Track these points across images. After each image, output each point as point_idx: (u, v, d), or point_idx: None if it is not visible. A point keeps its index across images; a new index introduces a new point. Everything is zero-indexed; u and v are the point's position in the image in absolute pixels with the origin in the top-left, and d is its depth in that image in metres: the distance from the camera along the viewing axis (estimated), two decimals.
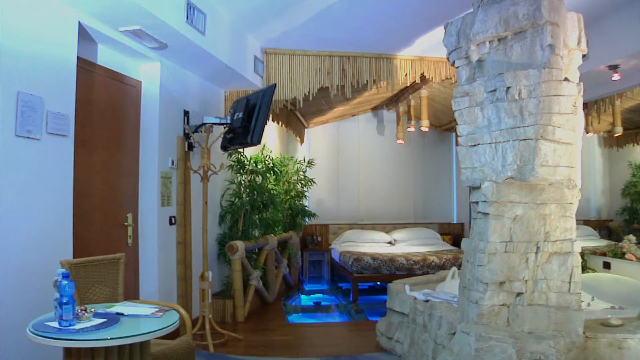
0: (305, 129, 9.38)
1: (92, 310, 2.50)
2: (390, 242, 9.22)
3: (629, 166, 8.30)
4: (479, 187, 3.31)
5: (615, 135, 7.90)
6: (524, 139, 3.15)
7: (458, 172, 10.08)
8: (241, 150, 6.23)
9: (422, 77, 6.41)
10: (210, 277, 4.89)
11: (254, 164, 6.40)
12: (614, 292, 4.88)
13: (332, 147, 9.73)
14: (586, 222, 9.75)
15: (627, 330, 3.30)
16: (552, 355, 2.98)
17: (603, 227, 9.38)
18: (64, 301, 2.26)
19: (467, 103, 3.41)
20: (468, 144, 3.41)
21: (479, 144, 3.35)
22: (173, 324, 2.50)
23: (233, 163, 6.21)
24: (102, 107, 4.28)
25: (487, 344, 3.05)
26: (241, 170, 6.27)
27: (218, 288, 6.01)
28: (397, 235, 9.35)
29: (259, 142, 4.66)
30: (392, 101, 8.83)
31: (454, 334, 3.46)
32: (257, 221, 6.31)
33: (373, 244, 8.98)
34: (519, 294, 3.26)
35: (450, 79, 6.40)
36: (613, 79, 5.27)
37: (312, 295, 7.96)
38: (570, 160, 3.21)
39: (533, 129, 3.10)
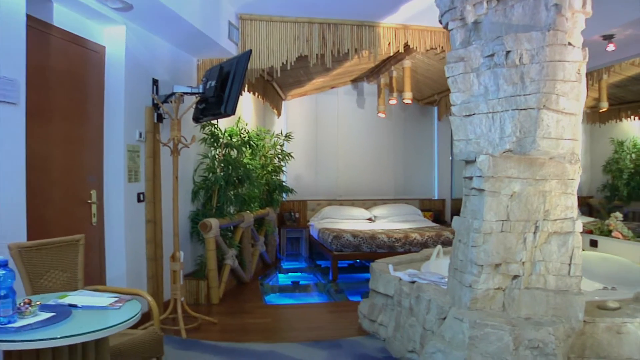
0: (283, 101, 9.01)
1: (38, 303, 2.16)
2: (370, 219, 9.00)
3: (611, 143, 8.18)
4: (473, 161, 3.03)
5: (600, 111, 7.73)
6: (524, 109, 2.87)
7: (440, 146, 9.98)
8: (215, 122, 5.86)
9: (406, 46, 6.08)
10: (182, 257, 4.57)
11: (229, 137, 6.05)
12: (603, 272, 4.71)
13: (310, 120, 9.38)
14: None
15: (625, 314, 3.10)
16: (552, 343, 2.76)
17: (584, 204, 9.29)
18: (2, 294, 1.92)
19: (461, 69, 3.11)
20: (462, 113, 3.12)
21: (474, 114, 3.07)
22: (134, 317, 2.18)
23: (206, 136, 5.84)
24: (61, 74, 3.87)
25: (482, 331, 2.82)
26: (215, 144, 5.92)
27: (191, 268, 5.70)
28: (377, 211, 9.12)
29: (233, 113, 4.32)
30: (373, 73, 8.50)
31: (444, 319, 3.23)
32: (232, 197, 5.99)
33: (353, 221, 8.74)
34: (515, 277, 3.03)
35: (435, 49, 6.08)
36: (607, 49, 5.03)
37: (290, 274, 7.70)
38: (574, 132, 2.94)
39: (535, 97, 2.82)
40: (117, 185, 4.36)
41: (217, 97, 4.37)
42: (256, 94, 6.79)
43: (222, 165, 5.84)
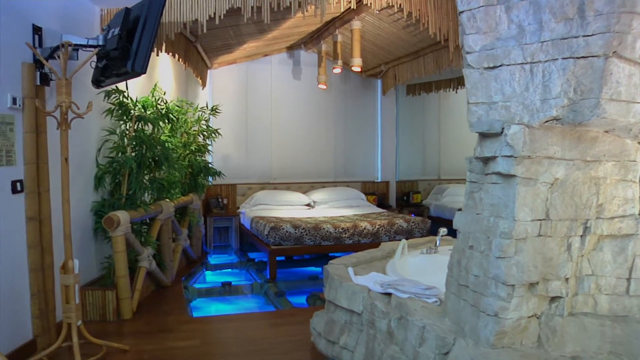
0: (209, 70, 7.77)
1: None
2: (308, 205, 8.03)
3: None
4: (498, 134, 2.11)
5: None
6: (583, 57, 1.96)
7: (384, 123, 9.12)
8: (124, 90, 4.64)
9: (359, 3, 5.10)
10: (77, 266, 3.38)
11: (142, 109, 4.83)
12: None
13: (240, 92, 8.21)
14: None
15: None
16: None
17: None
18: None
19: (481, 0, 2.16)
20: (483, 64, 2.17)
21: (502, 65, 2.13)
22: None
23: (113, 106, 4.61)
24: None
25: None
26: (124, 117, 4.69)
27: (96, 274, 4.50)
28: (316, 196, 8.17)
29: (143, 71, 3.18)
30: (313, 38, 7.46)
31: (447, 354, 2.33)
32: (147, 183, 4.81)
33: (289, 207, 7.74)
34: (554, 299, 2.16)
35: (393, 6, 5.13)
36: None
37: (219, 271, 6.61)
38: None
39: (601, 39, 1.91)
40: None
41: (122, 50, 3.20)
42: (176, 56, 5.57)
43: (134, 143, 4.64)
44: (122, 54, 3.19)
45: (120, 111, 4.63)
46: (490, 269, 2.16)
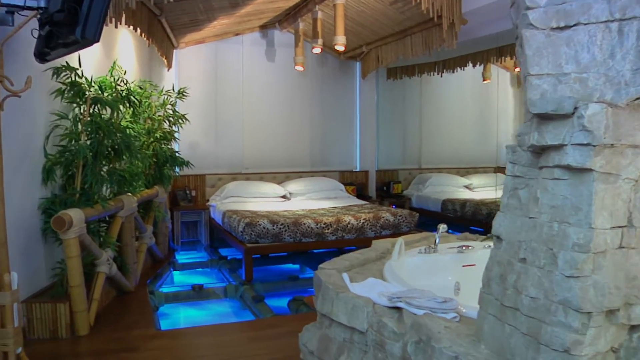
0: (175, 50, 7.09)
1: None
2: (284, 197, 7.48)
3: None
4: (568, 116, 1.60)
5: None
6: None
7: (362, 109, 8.60)
8: (76, 67, 3.97)
9: None
10: (16, 281, 2.75)
11: (99, 90, 4.18)
12: None
13: (209, 75, 7.55)
14: (497, 170, 8.82)
15: None
16: None
17: None
18: None
19: None
20: (550, 24, 1.65)
21: (577, 25, 1.61)
22: None
23: (64, 86, 3.94)
24: None
25: None
26: (78, 99, 4.03)
27: (46, 281, 3.86)
28: (292, 187, 7.61)
29: (96, 39, 2.56)
30: (289, 16, 6.85)
31: None
32: (106, 175, 4.17)
33: (264, 200, 7.18)
34: (635, 327, 1.68)
35: None
36: None
37: (188, 271, 6.02)
38: None
39: None
40: None
41: (68, 13, 2.56)
42: (138, 30, 4.90)
43: (90, 129, 3.99)
44: (68, 18, 2.55)
45: (72, 92, 3.96)
46: (556, 291, 1.65)
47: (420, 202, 8.19)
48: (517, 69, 7.29)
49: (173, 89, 6.22)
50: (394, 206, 7.77)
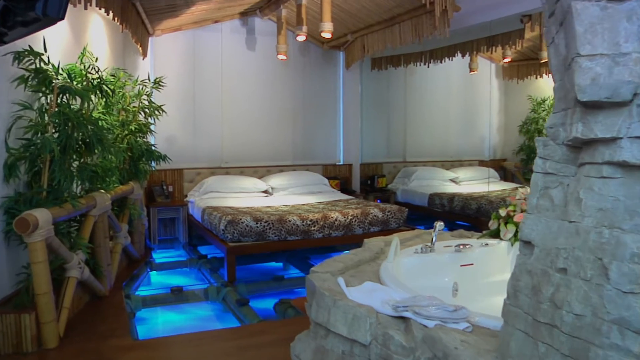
0: (150, 37, 6.71)
1: None
2: (266, 192, 7.18)
3: (529, 100, 7.20)
4: (625, 104, 1.36)
5: (542, 61, 6.57)
6: None
7: (346, 100, 8.33)
8: (41, 52, 3.61)
9: None
10: None
11: (67, 78, 3.82)
12: None
13: (186, 64, 7.20)
14: (482, 163, 8.68)
15: None
16: None
17: (497, 168, 8.37)
18: None
19: None
20: None
21: None
22: None
23: (27, 73, 3.57)
24: None
25: None
26: (44, 88, 3.67)
27: (10, 289, 3.51)
28: (274, 181, 7.31)
29: (60, 16, 2.25)
30: (271, 3, 6.53)
31: None
32: (76, 171, 3.83)
33: (245, 195, 6.88)
34: None
35: None
36: None
37: (166, 271, 5.70)
38: None
39: None
40: None
41: None
42: (111, 14, 4.54)
43: (57, 121, 3.64)
44: None
45: (37, 80, 3.61)
46: (608, 308, 1.41)
47: (406, 197, 7.98)
48: (507, 60, 7.11)
49: (149, 79, 5.86)
50: (378, 200, 7.55)
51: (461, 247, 3.77)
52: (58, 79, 3.72)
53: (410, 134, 8.69)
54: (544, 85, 7.11)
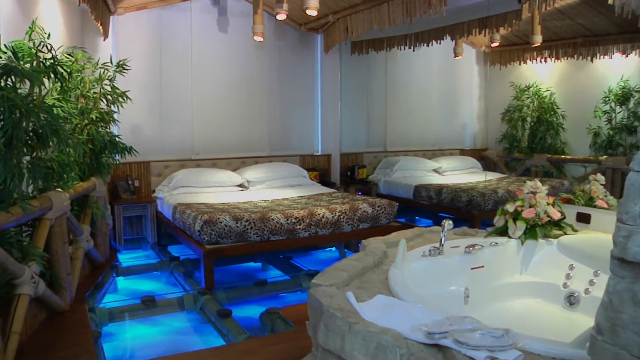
0: (112, 16, 6.05)
1: None
2: (241, 185, 6.65)
3: (512, 87, 6.87)
4: None
5: (534, 45, 6.20)
6: None
7: (324, 87, 7.77)
8: None
9: None
10: None
11: (13, 57, 3.21)
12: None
13: (153, 46, 6.57)
14: (463, 152, 8.37)
15: None
16: None
17: (478, 157, 8.08)
18: None
19: None
20: None
21: None
22: None
23: None
24: None
25: None
26: None
27: None
28: (250, 174, 6.79)
29: None
30: None
31: None
32: (27, 168, 3.24)
33: (219, 190, 6.35)
34: None
35: None
36: None
37: (134, 276, 5.14)
38: None
39: None
40: None
41: None
42: None
43: (1, 108, 3.04)
44: None
45: None
46: None
47: (389, 188, 7.56)
48: (495, 44, 6.74)
49: (111, 62, 5.23)
50: (359, 193, 7.14)
51: (471, 248, 3.38)
52: (0, 57, 3.11)
53: (390, 122, 8.27)
54: (527, 72, 6.79)
